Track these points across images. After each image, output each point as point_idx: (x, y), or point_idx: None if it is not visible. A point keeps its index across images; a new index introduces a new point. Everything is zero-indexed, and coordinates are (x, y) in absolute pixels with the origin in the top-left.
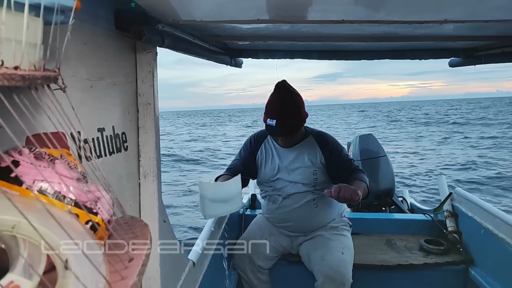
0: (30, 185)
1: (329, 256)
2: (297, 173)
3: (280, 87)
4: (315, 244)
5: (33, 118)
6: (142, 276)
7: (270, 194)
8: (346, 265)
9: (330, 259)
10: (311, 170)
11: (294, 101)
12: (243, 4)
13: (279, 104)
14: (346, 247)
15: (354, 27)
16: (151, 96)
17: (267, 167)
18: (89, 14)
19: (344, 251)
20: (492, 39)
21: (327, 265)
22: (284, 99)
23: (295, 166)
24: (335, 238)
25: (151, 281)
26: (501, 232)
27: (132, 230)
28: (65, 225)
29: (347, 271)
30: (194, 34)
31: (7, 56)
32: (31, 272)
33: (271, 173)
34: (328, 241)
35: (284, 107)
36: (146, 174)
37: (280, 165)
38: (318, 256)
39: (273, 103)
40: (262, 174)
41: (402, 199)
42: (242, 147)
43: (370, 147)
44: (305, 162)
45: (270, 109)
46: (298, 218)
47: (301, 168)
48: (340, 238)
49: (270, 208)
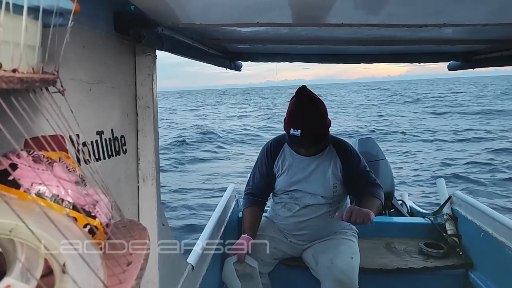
0: (28, 188)
1: (339, 260)
2: (317, 185)
3: (301, 94)
4: (324, 247)
5: (32, 121)
6: (140, 280)
7: (286, 201)
8: (355, 270)
9: (340, 263)
10: (332, 183)
11: (319, 110)
12: (243, 7)
13: (303, 113)
14: (355, 253)
15: (353, 31)
16: (150, 99)
17: (285, 176)
18: (88, 17)
19: (353, 257)
20: (491, 42)
21: (337, 268)
22: (308, 108)
23: (315, 178)
24: (344, 243)
25: (149, 285)
26: (501, 236)
27: (130, 234)
28: (63, 228)
29: (355, 277)
30: (193, 37)
31: (5, 59)
32: (28, 276)
33: (289, 182)
34: (337, 245)
35: (309, 117)
36: (145, 177)
37: (300, 176)
38: (327, 259)
39: (297, 112)
40: (280, 184)
41: (401, 202)
42: (259, 160)
43: (369, 150)
44: (327, 175)
45: (293, 118)
46: (312, 228)
47: (322, 181)
48: (349, 243)
49: (283, 215)
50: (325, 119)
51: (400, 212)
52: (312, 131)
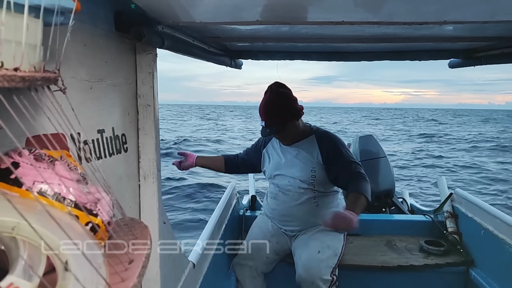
0: (30, 187)
1: (305, 255)
2: (295, 169)
3: (267, 92)
4: (298, 243)
5: (33, 119)
6: (142, 277)
7: (271, 190)
8: (320, 264)
9: (304, 258)
10: (309, 167)
11: (278, 101)
12: (243, 5)
13: (265, 106)
14: (327, 247)
15: (353, 28)
16: (151, 97)
17: (271, 163)
18: (89, 16)
19: (321, 250)
20: (492, 40)
21: (301, 264)
22: (270, 100)
23: (294, 163)
24: (317, 237)
25: (151, 282)
26: (502, 233)
27: (132, 232)
28: (65, 226)
29: (318, 270)
30: (194, 35)
31: (7, 58)
32: (31, 273)
33: (273, 168)
34: (308, 240)
35: (269, 109)
36: (146, 176)
37: (281, 162)
38: (298, 254)
39: (261, 105)
40: (267, 171)
41: (402, 200)
42: (254, 142)
43: (370, 148)
44: (303, 159)
45: (259, 112)
46: (298, 215)
47: (300, 165)
48: (324, 237)
49: (271, 205)
50: (285, 108)
51: (400, 209)
52: (272, 120)
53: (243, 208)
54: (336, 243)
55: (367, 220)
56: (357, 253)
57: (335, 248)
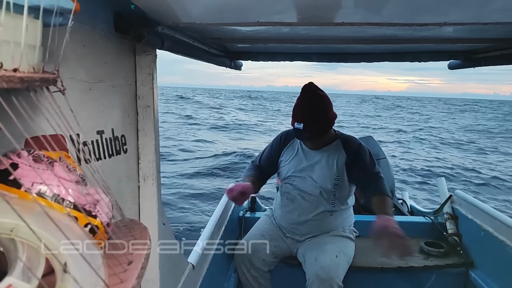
0: (28, 188)
1: (322, 257)
2: (319, 173)
3: (306, 90)
4: (312, 246)
5: (32, 120)
6: (141, 279)
7: (287, 191)
8: (337, 268)
9: (322, 260)
10: (333, 173)
11: (321, 105)
12: (243, 6)
13: (306, 107)
14: (342, 252)
15: (354, 30)
16: (150, 98)
17: (291, 163)
18: (89, 16)
19: (338, 255)
20: (492, 41)
21: (318, 265)
22: (311, 102)
23: (318, 167)
24: (333, 241)
25: (150, 284)
26: (501, 235)
27: (131, 233)
28: (64, 228)
29: (337, 274)
30: (193, 36)
31: (6, 58)
32: (29, 275)
33: (292, 169)
34: (324, 244)
35: (310, 111)
36: (145, 177)
37: (304, 164)
38: (312, 256)
39: (300, 106)
40: (284, 170)
41: (402, 201)
42: (270, 144)
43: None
44: (330, 167)
45: (297, 112)
46: (312, 225)
47: (324, 171)
48: (339, 242)
49: (285, 209)
50: (327, 113)
51: (400, 211)
52: (314, 124)
53: (243, 209)
54: (350, 251)
55: (367, 221)
56: (357, 254)
57: (349, 257)
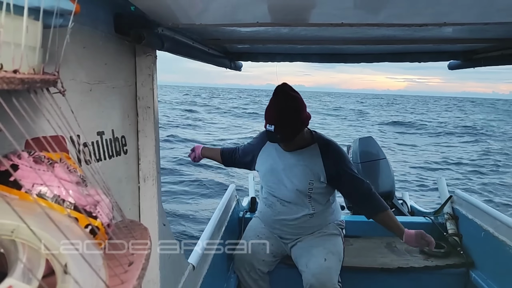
0: (29, 189)
1: (312, 263)
2: (294, 179)
3: (278, 92)
4: (300, 251)
5: (32, 121)
6: (141, 280)
7: (266, 197)
8: (329, 272)
9: (312, 267)
10: (307, 179)
11: (291, 107)
12: (243, 7)
13: (277, 110)
14: (330, 253)
15: (353, 30)
16: (150, 99)
17: (266, 165)
18: (89, 18)
19: (327, 257)
20: (492, 41)
21: (310, 272)
22: (282, 104)
23: (293, 172)
24: (319, 243)
25: (150, 284)
26: (502, 235)
27: (131, 234)
28: (65, 229)
29: (329, 278)
30: (193, 37)
31: (6, 60)
32: (30, 276)
33: (268, 172)
34: (311, 247)
35: (281, 113)
36: (145, 178)
37: (278, 167)
38: (303, 263)
39: (271, 108)
40: (261, 172)
41: (402, 201)
42: (252, 139)
43: (370, 150)
44: (303, 170)
45: (268, 114)
46: (294, 228)
47: (299, 174)
48: (325, 243)
49: (266, 214)
50: (299, 115)
51: (400, 211)
52: (285, 126)
53: (243, 210)
54: (338, 248)
55: (367, 222)
56: (357, 255)
57: (338, 254)
